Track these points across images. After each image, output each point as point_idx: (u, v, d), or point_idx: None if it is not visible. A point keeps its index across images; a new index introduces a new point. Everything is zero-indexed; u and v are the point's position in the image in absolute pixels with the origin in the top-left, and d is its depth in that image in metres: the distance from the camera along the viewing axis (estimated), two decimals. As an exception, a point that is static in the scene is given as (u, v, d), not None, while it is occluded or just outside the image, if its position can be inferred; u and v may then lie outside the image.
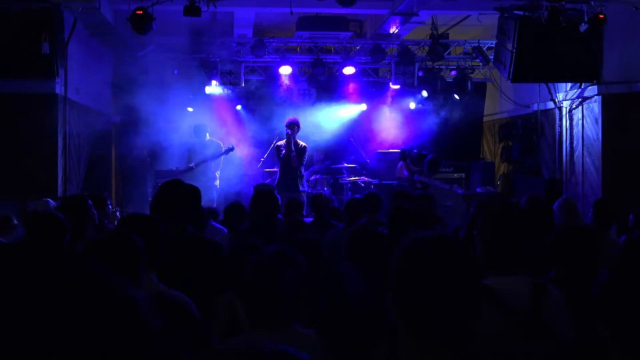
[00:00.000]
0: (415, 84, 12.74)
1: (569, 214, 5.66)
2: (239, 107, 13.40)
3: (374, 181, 12.05)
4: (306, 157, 10.25)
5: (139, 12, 8.40)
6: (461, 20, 12.42)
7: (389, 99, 13.72)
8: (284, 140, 10.17)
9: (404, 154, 11.03)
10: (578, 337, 2.36)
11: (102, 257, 2.46)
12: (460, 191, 10.99)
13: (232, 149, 10.75)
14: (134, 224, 3.03)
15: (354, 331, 3.07)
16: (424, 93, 12.87)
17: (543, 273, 3.24)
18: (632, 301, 1.48)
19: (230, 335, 2.88)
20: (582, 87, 10.63)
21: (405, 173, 10.80)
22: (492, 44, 11.14)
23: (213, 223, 6.06)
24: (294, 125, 10.01)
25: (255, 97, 13.31)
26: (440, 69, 12.98)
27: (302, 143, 10.15)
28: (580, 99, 10.79)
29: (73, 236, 3.90)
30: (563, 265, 3.22)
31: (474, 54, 12.40)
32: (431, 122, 12.62)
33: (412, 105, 13.55)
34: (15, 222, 5.90)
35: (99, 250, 2.58)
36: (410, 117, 13.56)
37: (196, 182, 9.92)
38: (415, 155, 10.96)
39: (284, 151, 10.04)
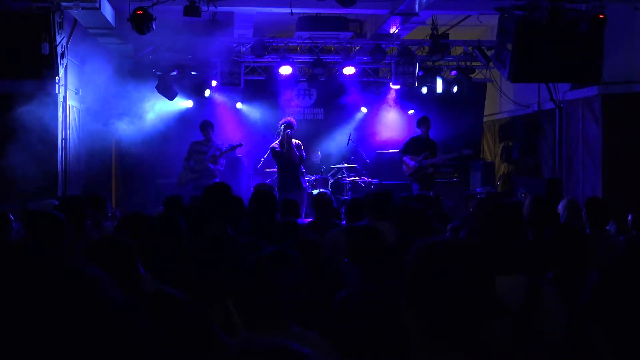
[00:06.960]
0: (416, 84, 12.73)
1: (571, 215, 5.66)
2: (239, 104, 13.38)
3: (374, 181, 12.04)
4: (304, 152, 10.29)
5: (139, 12, 8.38)
6: (461, 20, 12.41)
7: (390, 99, 13.71)
8: (278, 141, 10.17)
9: (401, 152, 11.15)
10: (571, 338, 2.35)
11: (94, 260, 2.51)
12: (469, 151, 11.44)
13: (240, 145, 10.97)
14: (131, 223, 3.07)
15: (356, 331, 3.06)
16: (424, 90, 12.84)
17: (542, 273, 3.23)
18: (624, 302, 1.47)
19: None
20: (582, 87, 10.62)
21: (412, 163, 10.89)
22: (492, 44, 11.13)
23: None
24: (292, 126, 10.03)
25: (255, 97, 13.30)
26: (440, 69, 12.96)
27: (296, 141, 10.18)
28: (580, 99, 10.79)
29: (72, 237, 3.90)
30: (559, 265, 3.22)
31: (474, 54, 12.39)
32: (431, 122, 12.55)
33: (411, 111, 13.57)
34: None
35: (91, 253, 2.63)
36: (411, 117, 13.54)
37: (198, 180, 10.09)
38: (410, 144, 11.06)
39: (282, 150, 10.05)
